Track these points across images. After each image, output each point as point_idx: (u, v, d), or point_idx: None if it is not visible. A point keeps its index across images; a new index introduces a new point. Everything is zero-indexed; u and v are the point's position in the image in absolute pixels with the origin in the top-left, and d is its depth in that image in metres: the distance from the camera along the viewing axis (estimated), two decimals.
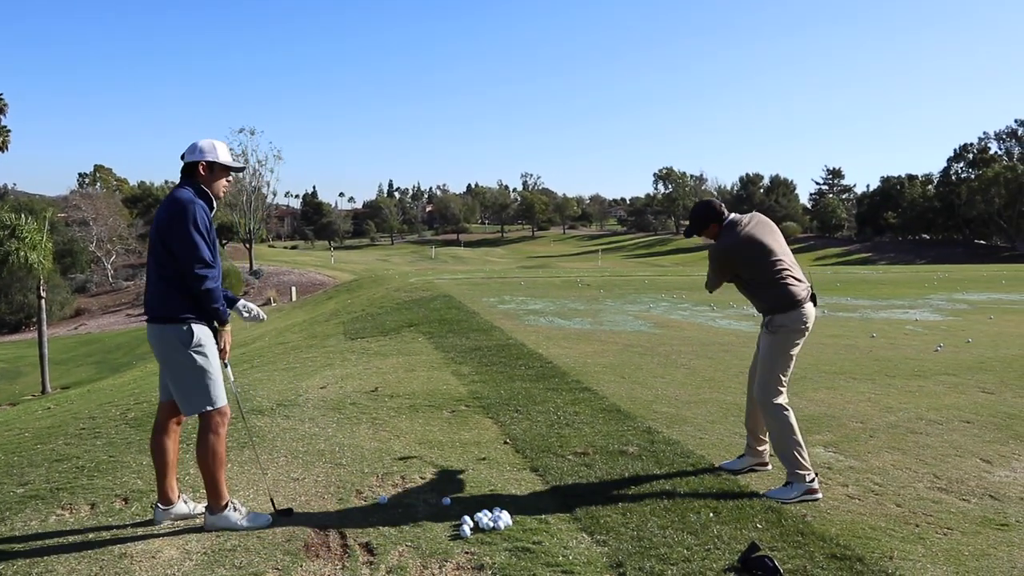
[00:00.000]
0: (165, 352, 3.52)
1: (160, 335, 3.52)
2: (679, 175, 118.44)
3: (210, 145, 3.63)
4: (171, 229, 3.42)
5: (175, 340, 3.47)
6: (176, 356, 3.49)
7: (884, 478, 4.44)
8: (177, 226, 3.40)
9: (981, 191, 71.48)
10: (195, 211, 3.43)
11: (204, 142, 3.64)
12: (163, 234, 3.45)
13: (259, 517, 3.65)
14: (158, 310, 3.51)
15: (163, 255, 3.46)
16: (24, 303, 40.72)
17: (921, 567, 3.26)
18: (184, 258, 3.41)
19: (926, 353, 9.11)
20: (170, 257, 3.44)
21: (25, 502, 4.02)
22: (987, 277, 24.28)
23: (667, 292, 18.24)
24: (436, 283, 19.08)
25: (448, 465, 4.62)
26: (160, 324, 3.51)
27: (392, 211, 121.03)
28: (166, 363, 3.56)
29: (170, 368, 3.55)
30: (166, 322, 3.49)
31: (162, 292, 3.49)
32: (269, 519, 3.66)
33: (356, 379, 7.43)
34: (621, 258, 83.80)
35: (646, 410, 5.99)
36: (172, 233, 3.41)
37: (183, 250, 3.40)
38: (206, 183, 3.61)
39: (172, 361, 3.52)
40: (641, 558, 3.29)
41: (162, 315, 3.50)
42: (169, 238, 3.42)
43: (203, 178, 3.61)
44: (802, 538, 3.51)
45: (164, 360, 3.56)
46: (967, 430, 5.52)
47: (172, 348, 3.49)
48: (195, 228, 3.41)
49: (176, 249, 3.41)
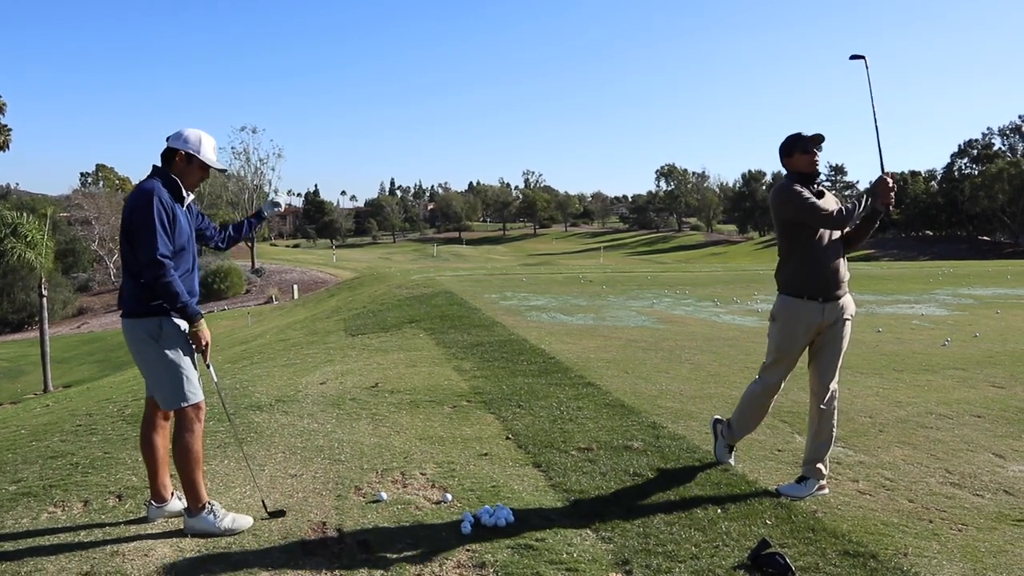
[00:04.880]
0: (136, 347, 3.43)
1: (131, 330, 3.41)
2: (681, 172, 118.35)
3: (196, 137, 3.51)
4: (131, 221, 3.31)
5: (144, 334, 3.37)
6: (146, 350, 3.39)
7: (895, 473, 4.34)
8: (136, 216, 3.29)
9: (985, 187, 71.15)
10: (155, 202, 3.29)
11: (191, 132, 3.52)
12: (126, 227, 3.35)
13: (240, 519, 3.49)
14: (129, 304, 3.41)
15: (128, 249, 3.37)
16: (26, 302, 40.74)
17: (937, 564, 3.16)
18: (140, 250, 3.28)
19: (934, 348, 9.00)
20: (132, 249, 3.35)
21: (17, 499, 3.93)
22: (992, 272, 24.10)
23: (670, 288, 18.12)
24: (438, 280, 18.98)
25: (449, 461, 4.52)
26: (131, 319, 3.41)
27: (394, 209, 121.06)
28: (137, 358, 3.46)
29: (142, 363, 3.46)
30: (136, 316, 3.39)
31: (132, 286, 3.39)
32: (251, 522, 3.51)
33: (356, 375, 7.34)
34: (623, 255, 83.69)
35: (651, 405, 5.89)
36: (132, 226, 3.31)
37: (139, 242, 3.29)
38: (179, 174, 3.49)
39: (143, 355, 3.42)
40: (647, 555, 3.19)
41: (132, 309, 3.39)
42: (130, 230, 3.32)
43: (178, 167, 3.49)
44: (813, 534, 3.41)
45: (136, 355, 3.46)
46: (978, 424, 5.42)
47: (141, 342, 3.39)
48: (154, 219, 3.26)
49: (134, 241, 3.31)
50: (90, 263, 55.11)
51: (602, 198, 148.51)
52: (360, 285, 24.28)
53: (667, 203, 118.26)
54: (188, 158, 3.50)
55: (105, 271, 54.35)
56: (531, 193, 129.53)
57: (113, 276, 53.50)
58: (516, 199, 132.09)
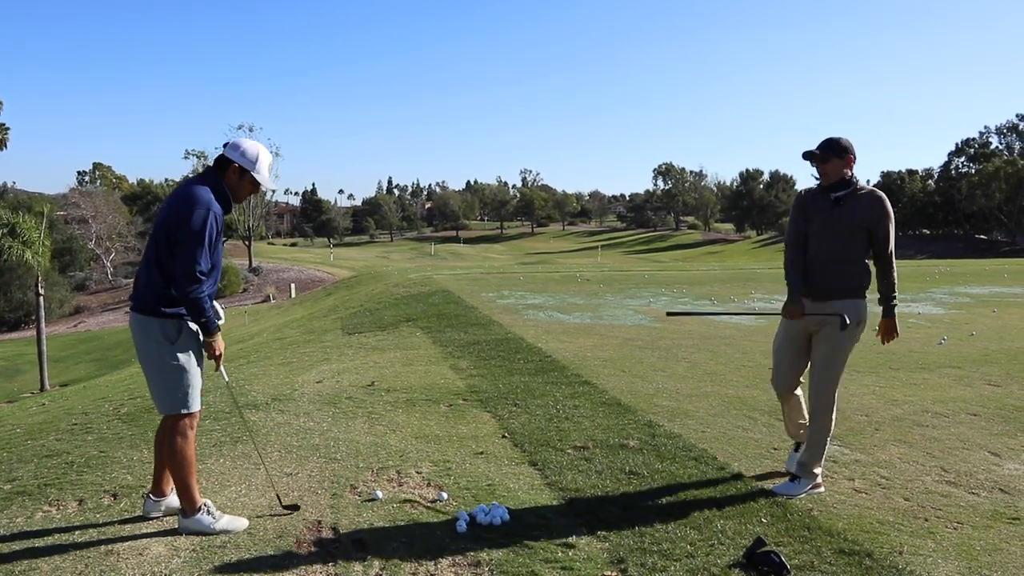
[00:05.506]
0: (146, 345, 3.36)
1: (143, 326, 3.35)
2: (678, 171, 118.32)
3: (254, 154, 3.46)
4: (179, 230, 3.24)
5: (159, 335, 3.32)
6: (158, 351, 3.33)
7: (891, 471, 4.34)
8: (187, 229, 3.23)
9: (982, 186, 71.24)
10: (210, 219, 3.26)
11: (250, 147, 3.47)
12: (170, 230, 3.27)
13: (236, 521, 3.46)
14: (148, 302, 3.33)
15: (165, 249, 3.29)
16: (23, 301, 40.66)
17: (932, 562, 3.16)
18: (181, 261, 3.24)
19: (930, 346, 9.02)
20: (170, 253, 3.28)
21: (11, 499, 3.92)
22: (989, 271, 24.15)
23: (667, 287, 18.12)
24: (435, 279, 18.96)
25: (445, 460, 4.52)
26: (147, 316, 3.34)
27: (391, 208, 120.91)
28: (145, 356, 3.38)
29: (148, 362, 3.38)
30: (154, 315, 3.32)
31: (156, 284, 3.32)
32: (247, 523, 3.47)
33: (353, 373, 7.33)
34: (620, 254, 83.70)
35: (647, 404, 5.89)
36: (179, 234, 3.24)
37: (181, 252, 3.23)
38: (231, 185, 3.46)
39: (152, 355, 3.35)
40: (643, 554, 3.19)
41: (152, 308, 3.33)
42: (175, 237, 3.26)
43: (230, 179, 3.45)
44: (809, 533, 3.42)
45: (143, 353, 3.38)
46: (974, 423, 5.43)
47: (154, 342, 3.33)
48: (204, 236, 3.24)
49: (177, 252, 3.26)
50: (87, 262, 55.00)
51: (599, 197, 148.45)
52: (357, 284, 24.27)
53: (664, 202, 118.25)
54: (241, 172, 3.45)
55: (102, 270, 54.26)
56: (529, 192, 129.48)
57: (110, 275, 53.41)
58: (514, 198, 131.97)
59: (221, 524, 3.39)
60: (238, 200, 3.53)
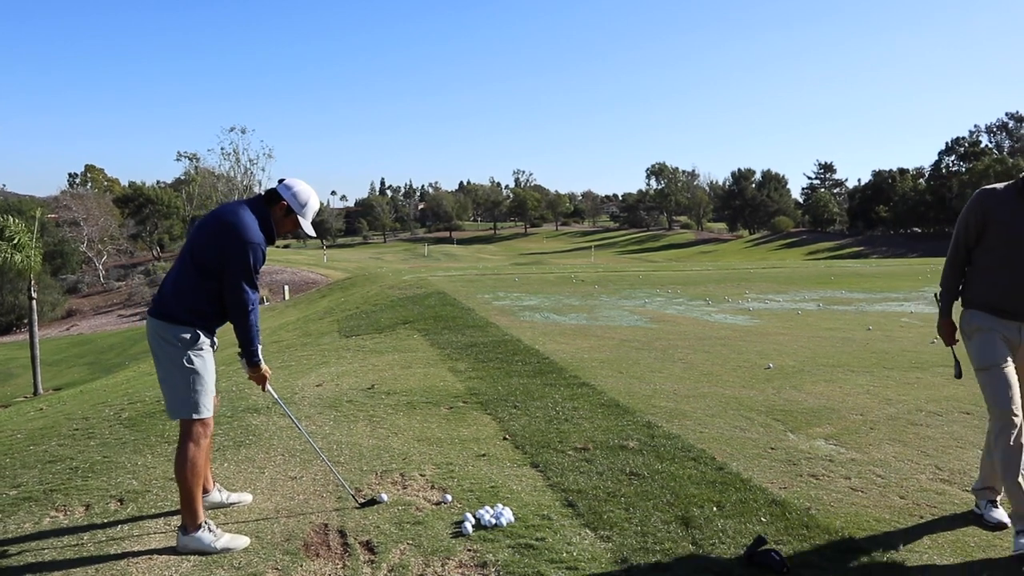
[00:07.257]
0: (162, 348, 3.41)
1: (162, 331, 3.41)
2: (671, 170, 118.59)
3: (305, 198, 3.59)
4: (229, 263, 3.36)
5: (174, 338, 3.38)
6: (173, 353, 3.39)
7: (886, 470, 4.41)
8: (235, 263, 3.36)
9: (972, 184, 71.62)
10: (258, 252, 3.40)
11: (303, 190, 3.59)
12: (217, 257, 3.37)
13: (237, 539, 3.41)
14: (172, 309, 3.40)
15: (211, 268, 3.39)
16: (15, 304, 40.39)
17: (928, 559, 3.23)
18: (230, 290, 3.39)
19: (923, 345, 9.11)
20: (212, 273, 3.39)
21: (18, 504, 3.95)
22: None
23: (662, 287, 18.21)
24: (430, 280, 19.00)
25: (447, 462, 4.57)
26: (167, 322, 3.40)
27: (384, 209, 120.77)
28: (161, 359, 3.44)
29: (162, 365, 3.44)
30: (176, 322, 3.39)
31: (186, 296, 3.40)
32: (248, 542, 3.42)
33: (352, 376, 7.37)
34: (614, 254, 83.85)
35: (645, 405, 5.96)
36: (229, 266, 3.36)
37: (232, 286, 3.38)
38: (276, 220, 3.57)
39: (167, 357, 3.41)
40: (646, 554, 3.25)
41: (175, 315, 3.39)
42: (223, 266, 3.37)
43: (276, 214, 3.56)
44: (807, 531, 3.48)
45: (159, 355, 3.45)
46: (967, 421, 5.51)
47: (170, 344, 3.39)
48: (251, 267, 3.39)
49: (226, 281, 3.38)
50: (79, 265, 54.74)
51: (592, 197, 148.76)
52: (352, 285, 24.26)
53: (657, 201, 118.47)
54: (288, 211, 3.57)
55: (94, 272, 53.99)
56: (521, 192, 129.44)
57: (102, 277, 53.16)
58: (506, 198, 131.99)
59: (222, 543, 3.36)
60: (279, 235, 3.64)
